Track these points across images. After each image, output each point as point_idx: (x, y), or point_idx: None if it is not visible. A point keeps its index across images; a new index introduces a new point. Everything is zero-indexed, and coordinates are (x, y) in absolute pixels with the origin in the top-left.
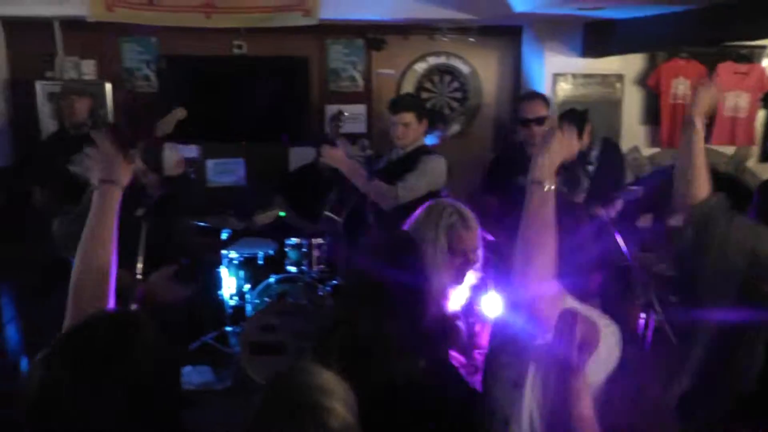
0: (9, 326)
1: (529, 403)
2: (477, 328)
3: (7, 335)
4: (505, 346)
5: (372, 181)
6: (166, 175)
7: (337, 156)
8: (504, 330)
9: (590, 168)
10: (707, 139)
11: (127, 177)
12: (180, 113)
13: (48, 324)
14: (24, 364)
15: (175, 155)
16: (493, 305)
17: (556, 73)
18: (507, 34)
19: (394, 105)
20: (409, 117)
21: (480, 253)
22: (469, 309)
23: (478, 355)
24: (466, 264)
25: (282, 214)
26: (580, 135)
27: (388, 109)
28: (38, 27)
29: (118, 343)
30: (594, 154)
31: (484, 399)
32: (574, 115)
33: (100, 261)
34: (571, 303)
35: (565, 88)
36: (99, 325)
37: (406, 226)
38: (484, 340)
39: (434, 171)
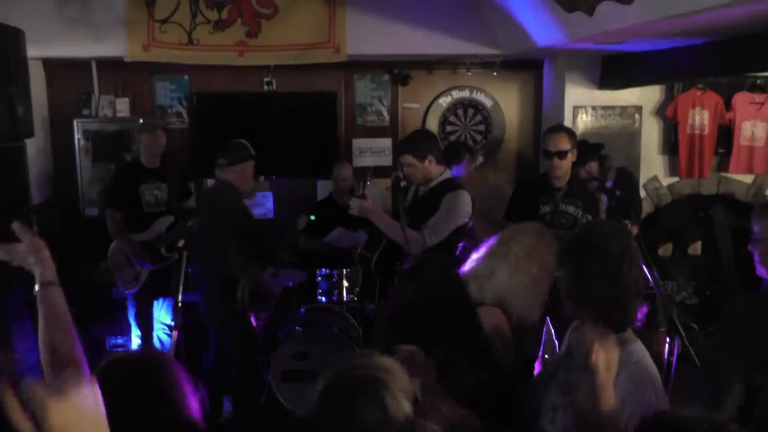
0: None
1: (553, 399)
2: None
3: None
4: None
5: (399, 227)
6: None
7: (366, 207)
8: None
9: (617, 193)
10: (725, 168)
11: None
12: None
13: (89, 349)
14: None
15: None
16: None
17: (576, 105)
18: (528, 68)
19: (396, 148)
20: (409, 158)
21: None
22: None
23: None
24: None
25: (312, 217)
26: (584, 162)
27: None
28: (76, 67)
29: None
30: (609, 184)
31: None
32: (585, 147)
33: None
34: None
35: (584, 120)
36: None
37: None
38: None
39: (458, 208)
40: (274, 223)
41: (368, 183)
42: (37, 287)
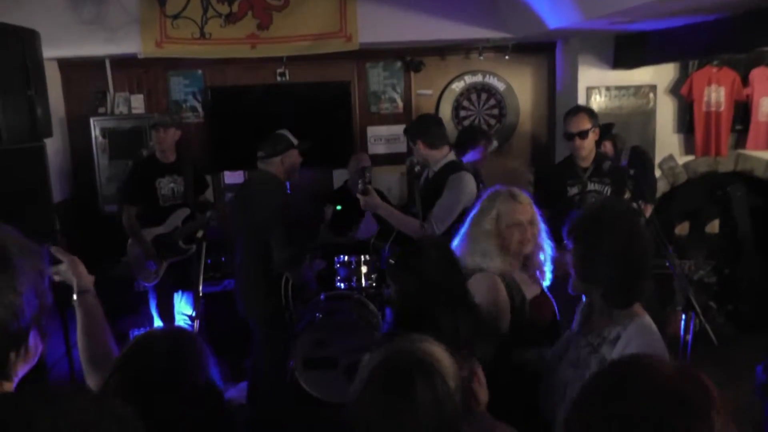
0: (75, 349)
1: (564, 374)
2: None
3: (75, 357)
4: None
5: (407, 220)
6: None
7: (373, 204)
8: None
9: (631, 172)
10: (742, 144)
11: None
12: None
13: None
14: None
15: None
16: None
17: (590, 86)
18: (541, 51)
19: None
20: (414, 143)
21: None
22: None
23: None
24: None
25: (338, 207)
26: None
27: None
28: (91, 66)
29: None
30: (623, 163)
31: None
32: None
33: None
34: None
35: (598, 101)
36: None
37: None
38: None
39: (459, 191)
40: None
41: (368, 180)
42: (75, 295)
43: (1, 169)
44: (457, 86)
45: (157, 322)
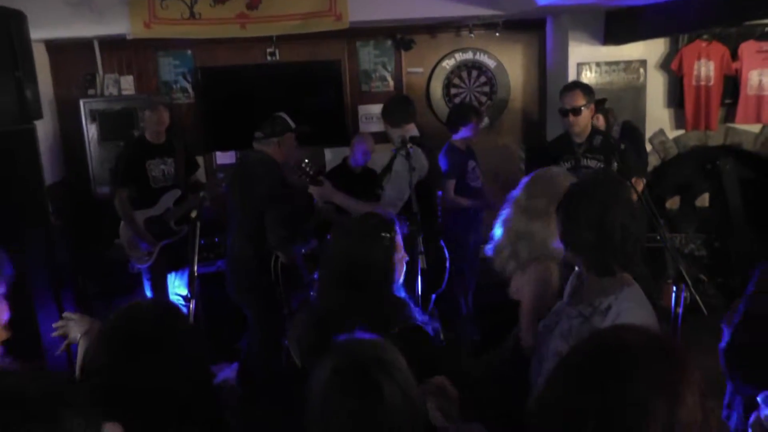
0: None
1: (556, 345)
2: None
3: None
4: None
5: (364, 207)
6: None
7: (324, 193)
8: None
9: (622, 146)
10: (732, 118)
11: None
12: None
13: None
14: None
15: None
16: None
17: (580, 62)
18: (531, 28)
19: None
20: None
21: None
22: None
23: None
24: None
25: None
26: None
27: None
28: (79, 47)
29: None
30: (615, 137)
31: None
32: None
33: None
34: None
35: (589, 77)
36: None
37: None
38: None
39: (404, 169)
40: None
41: (308, 171)
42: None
43: None
44: (448, 64)
45: None
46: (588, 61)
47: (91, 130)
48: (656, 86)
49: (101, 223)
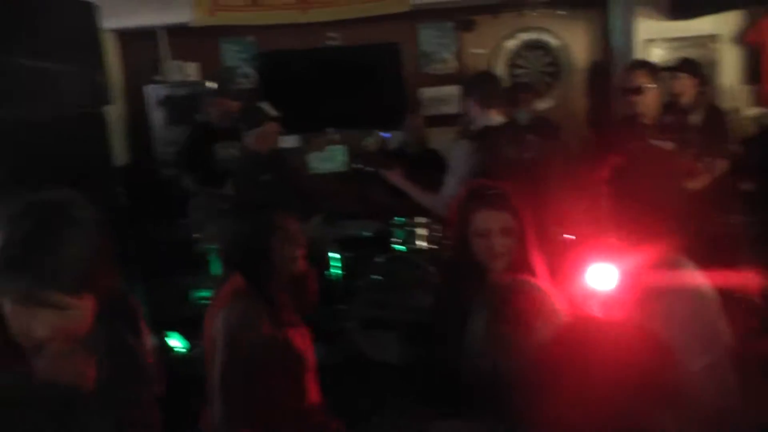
0: None
1: None
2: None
3: None
4: None
5: (422, 194)
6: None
7: (393, 178)
8: None
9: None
10: None
11: None
12: None
13: (172, 302)
14: None
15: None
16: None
17: (647, 39)
18: (595, 4)
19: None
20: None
21: None
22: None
23: None
24: None
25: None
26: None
27: None
28: (146, 36)
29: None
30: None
31: None
32: (691, 65)
33: None
34: None
35: (657, 54)
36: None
37: None
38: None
39: (452, 164)
40: (346, 175)
41: (364, 167)
42: None
43: (64, 136)
44: (511, 44)
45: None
46: (655, 37)
47: (156, 115)
48: (730, 62)
49: (167, 204)
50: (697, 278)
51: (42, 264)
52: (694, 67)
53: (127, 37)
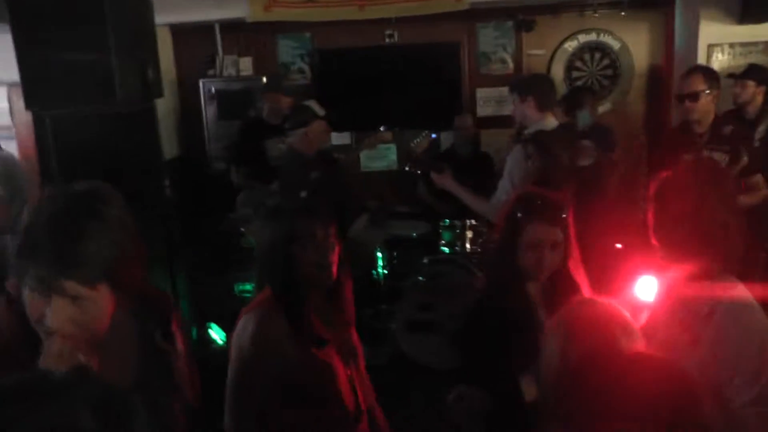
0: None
1: None
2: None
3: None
4: None
5: (474, 199)
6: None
7: (444, 182)
8: None
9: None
10: None
11: None
12: None
13: (217, 295)
14: (194, 333)
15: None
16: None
17: (711, 43)
18: (659, 6)
19: None
20: (513, 95)
21: None
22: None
23: None
24: None
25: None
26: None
27: None
28: (200, 30)
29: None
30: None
31: None
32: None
33: None
34: None
35: (720, 59)
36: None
37: None
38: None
39: (509, 169)
40: (396, 174)
41: (416, 169)
42: None
43: (114, 128)
44: (570, 45)
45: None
46: (720, 42)
47: (209, 109)
48: None
49: (216, 197)
50: (750, 300)
51: (59, 252)
52: (763, 75)
53: (182, 31)
